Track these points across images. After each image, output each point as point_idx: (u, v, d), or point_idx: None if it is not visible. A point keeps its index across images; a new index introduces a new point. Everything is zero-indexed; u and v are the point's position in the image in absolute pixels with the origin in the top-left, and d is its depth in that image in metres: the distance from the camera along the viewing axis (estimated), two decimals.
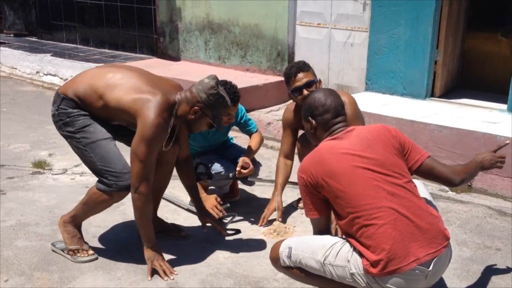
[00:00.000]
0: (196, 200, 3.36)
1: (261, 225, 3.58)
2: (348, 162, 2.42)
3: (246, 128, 3.85)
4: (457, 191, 4.23)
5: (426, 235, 2.35)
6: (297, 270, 2.61)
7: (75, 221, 3.16)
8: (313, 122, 2.60)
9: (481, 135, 4.25)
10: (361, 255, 2.36)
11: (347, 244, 2.43)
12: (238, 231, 3.47)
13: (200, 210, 3.35)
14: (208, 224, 3.34)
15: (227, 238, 3.40)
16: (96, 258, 3.14)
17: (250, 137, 3.87)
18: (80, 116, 3.01)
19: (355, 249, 2.39)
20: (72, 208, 3.20)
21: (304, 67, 3.40)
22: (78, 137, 3.01)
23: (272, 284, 2.91)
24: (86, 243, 3.19)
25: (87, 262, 3.10)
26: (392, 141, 2.52)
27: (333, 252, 2.44)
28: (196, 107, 2.94)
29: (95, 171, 3.00)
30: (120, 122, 3.07)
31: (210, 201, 3.54)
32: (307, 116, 2.63)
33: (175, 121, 2.96)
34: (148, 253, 2.98)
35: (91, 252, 3.16)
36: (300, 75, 3.36)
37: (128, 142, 3.05)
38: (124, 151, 3.01)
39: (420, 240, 2.33)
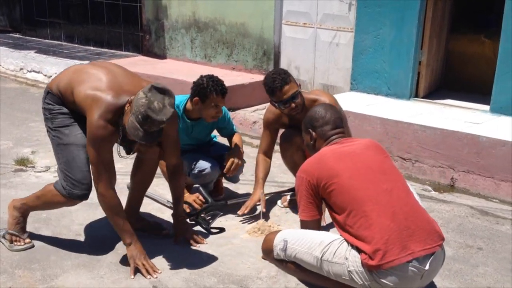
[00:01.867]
0: (175, 211, 3.33)
1: (242, 214, 3.55)
2: (349, 162, 2.56)
3: (228, 128, 3.86)
4: (440, 191, 4.27)
5: (422, 231, 2.42)
6: (291, 264, 2.65)
7: (23, 209, 3.18)
8: (313, 133, 2.76)
9: (464, 135, 4.29)
10: (359, 251, 2.40)
11: (345, 243, 2.48)
12: (222, 230, 3.47)
13: (177, 223, 3.32)
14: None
15: (211, 236, 3.40)
16: (32, 246, 3.18)
17: (230, 139, 3.89)
18: (59, 115, 3.03)
19: (353, 246, 2.43)
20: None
21: (286, 78, 3.36)
22: (54, 135, 3.06)
23: (255, 282, 2.91)
24: (26, 232, 3.23)
25: (22, 250, 3.14)
26: (383, 150, 2.73)
27: (331, 249, 2.48)
28: (125, 121, 2.82)
29: (58, 170, 3.04)
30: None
31: (192, 197, 3.62)
32: (308, 128, 2.79)
33: (119, 120, 2.87)
34: (129, 252, 2.97)
35: (27, 240, 3.20)
36: (286, 88, 3.36)
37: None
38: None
39: (416, 235, 2.40)
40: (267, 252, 2.73)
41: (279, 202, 3.93)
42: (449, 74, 6.06)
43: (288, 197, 3.90)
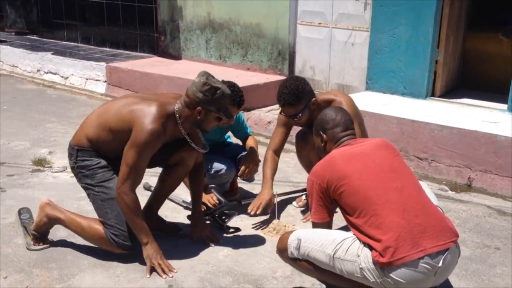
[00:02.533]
0: (193, 208, 3.37)
1: (253, 213, 3.46)
2: (359, 162, 2.58)
3: (242, 131, 3.88)
4: (457, 191, 4.23)
5: (434, 228, 2.42)
6: (304, 263, 2.66)
7: (56, 222, 3.18)
8: (324, 136, 2.79)
9: (481, 135, 4.25)
10: (370, 248, 2.40)
11: (358, 241, 2.50)
12: (238, 229, 3.48)
13: (194, 221, 3.35)
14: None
15: (227, 236, 3.40)
16: (49, 246, 3.20)
17: (244, 142, 3.92)
18: (99, 169, 3.05)
19: (365, 244, 2.44)
20: (68, 208, 3.24)
21: (293, 100, 3.35)
22: (97, 190, 3.05)
23: (271, 282, 2.91)
24: (47, 238, 3.25)
25: (38, 250, 3.16)
26: (393, 149, 2.74)
27: (344, 246, 2.50)
28: (199, 108, 2.97)
29: (107, 224, 3.02)
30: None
31: (206, 197, 3.63)
32: (318, 131, 2.83)
33: (184, 126, 3.00)
34: (146, 251, 2.99)
35: (46, 244, 3.22)
36: (287, 108, 3.40)
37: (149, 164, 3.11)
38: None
39: (428, 231, 2.40)
40: (282, 251, 2.75)
41: (294, 202, 3.93)
42: (466, 73, 6.00)
43: (303, 197, 3.89)
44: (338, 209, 2.71)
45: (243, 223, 3.59)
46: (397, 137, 4.60)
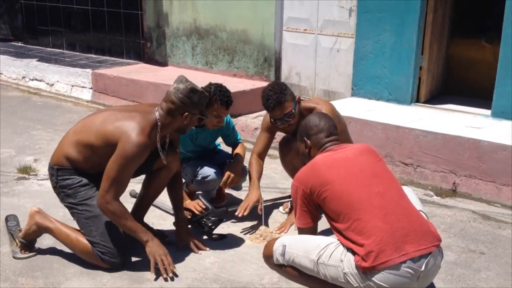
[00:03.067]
0: (176, 217, 3.38)
1: (241, 215, 3.45)
2: (342, 168, 2.60)
3: (232, 137, 3.88)
4: (442, 196, 4.27)
5: (417, 232, 2.45)
6: (290, 269, 2.68)
7: (45, 231, 3.16)
8: (308, 142, 2.82)
9: (465, 140, 4.29)
10: (353, 253, 2.42)
11: (341, 246, 2.53)
12: (224, 236, 3.48)
13: (179, 229, 3.36)
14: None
15: (213, 243, 3.40)
16: (35, 254, 3.18)
17: (233, 148, 3.91)
18: (81, 188, 3.05)
19: (348, 249, 2.46)
20: (56, 218, 3.22)
21: (281, 98, 3.35)
22: (80, 209, 3.05)
23: None
24: (34, 247, 3.23)
25: (24, 258, 3.14)
26: (376, 154, 2.77)
27: (327, 252, 2.52)
28: (186, 113, 3.01)
29: (92, 242, 3.02)
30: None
31: (192, 203, 3.66)
32: (302, 137, 2.85)
33: (161, 133, 3.00)
34: (149, 248, 2.99)
35: (32, 252, 3.20)
36: (278, 109, 3.37)
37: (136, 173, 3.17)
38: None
39: (410, 236, 2.43)
40: (268, 258, 2.77)
41: (281, 208, 3.94)
42: (450, 79, 6.06)
43: (290, 203, 3.90)
44: (323, 214, 2.73)
45: (230, 230, 3.59)
46: (382, 143, 4.64)
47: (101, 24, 8.27)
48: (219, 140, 3.98)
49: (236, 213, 3.48)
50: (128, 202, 3.81)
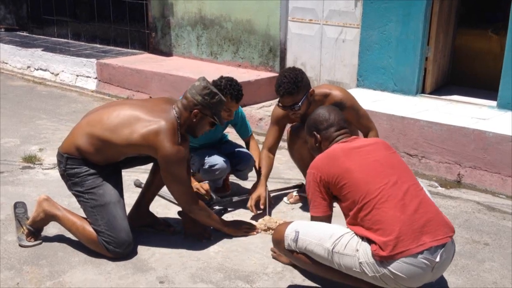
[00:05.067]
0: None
1: (256, 212, 3.56)
2: (359, 157, 2.61)
3: (242, 128, 3.92)
4: (447, 187, 4.26)
5: (433, 223, 2.46)
6: (301, 255, 2.66)
7: (52, 218, 3.18)
8: (318, 136, 2.81)
9: (470, 131, 4.28)
10: (370, 242, 2.44)
11: (356, 236, 2.52)
12: (225, 210, 3.65)
13: (184, 218, 3.38)
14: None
15: (218, 232, 3.40)
16: (41, 243, 3.20)
17: (246, 143, 3.97)
18: (88, 176, 3.07)
19: (363, 239, 2.47)
20: (62, 206, 3.23)
21: (293, 89, 3.34)
22: (87, 197, 3.07)
23: (262, 278, 2.92)
24: (40, 235, 3.25)
25: (30, 246, 3.16)
26: (390, 147, 2.80)
27: (342, 241, 2.52)
28: (196, 110, 3.02)
29: (98, 231, 3.04)
30: (130, 156, 3.14)
31: (198, 184, 3.65)
32: (312, 131, 2.84)
33: (181, 131, 3.02)
34: (229, 230, 3.31)
35: (38, 241, 3.22)
36: (286, 98, 3.38)
37: (140, 162, 3.29)
38: (137, 172, 3.01)
39: (427, 227, 2.43)
40: (278, 242, 2.73)
41: (285, 198, 3.94)
42: (455, 69, 6.04)
43: (294, 194, 3.90)
44: (335, 204, 2.72)
45: (234, 220, 3.59)
46: (387, 134, 4.62)
47: (106, 14, 8.26)
48: (227, 131, 3.99)
49: (251, 211, 3.58)
50: (133, 191, 3.83)
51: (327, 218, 2.71)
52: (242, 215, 3.65)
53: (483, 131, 4.23)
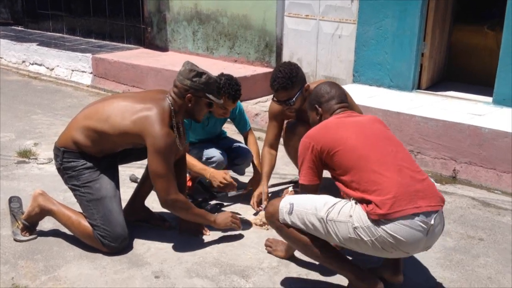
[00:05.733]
0: None
1: (259, 210, 3.57)
2: (355, 127, 2.65)
3: (240, 123, 3.91)
4: (442, 183, 4.27)
5: (427, 190, 2.49)
6: (292, 230, 2.65)
7: (48, 213, 3.17)
8: (319, 109, 2.84)
9: (466, 127, 4.29)
10: (366, 202, 2.44)
11: (349, 203, 2.53)
12: (221, 205, 3.64)
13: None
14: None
15: (214, 227, 3.40)
16: (36, 237, 3.19)
17: (245, 138, 3.97)
18: (85, 170, 3.06)
19: (357, 203, 2.48)
20: (57, 200, 3.22)
21: (288, 84, 3.33)
22: (83, 191, 3.06)
23: (257, 273, 2.92)
24: (35, 229, 3.24)
25: (26, 241, 3.15)
26: (386, 125, 2.85)
27: (336, 209, 2.53)
28: (189, 95, 3.00)
29: (93, 225, 3.04)
30: (125, 147, 3.13)
31: (220, 174, 3.47)
32: (314, 105, 2.87)
33: (176, 119, 3.00)
34: (218, 223, 3.17)
35: (33, 235, 3.21)
36: (281, 93, 3.37)
37: (136, 157, 3.27)
38: (133, 167, 3.00)
39: (421, 192, 2.46)
40: (272, 215, 2.71)
41: (281, 194, 3.93)
42: (451, 65, 6.04)
43: (290, 189, 3.90)
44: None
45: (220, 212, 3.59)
46: None
47: (102, 8, 8.22)
48: (225, 127, 3.99)
49: (254, 208, 3.60)
50: (129, 186, 3.82)
51: (316, 187, 2.73)
52: (238, 209, 3.65)
53: (478, 127, 4.24)
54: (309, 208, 2.58)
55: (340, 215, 2.50)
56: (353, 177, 2.51)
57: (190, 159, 3.51)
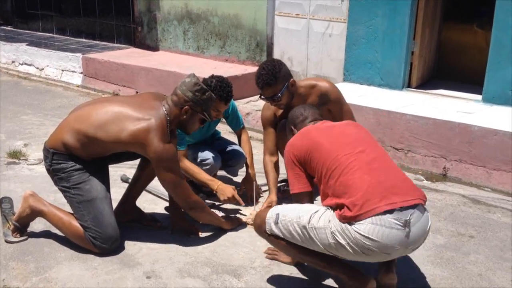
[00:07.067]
0: (171, 200, 3.34)
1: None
2: (329, 131, 2.73)
3: (233, 121, 3.91)
4: (432, 180, 4.29)
5: (402, 186, 2.49)
6: (282, 241, 2.66)
7: (39, 214, 3.16)
8: (294, 130, 2.93)
9: (456, 125, 4.31)
10: (339, 207, 2.45)
11: (330, 210, 2.54)
12: (213, 204, 3.67)
13: (172, 214, 3.38)
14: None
15: (206, 227, 3.40)
16: (27, 238, 3.18)
17: (238, 136, 3.96)
18: (74, 172, 3.04)
19: (335, 209, 2.50)
20: (48, 201, 3.21)
21: (271, 80, 3.33)
22: (73, 193, 3.05)
23: (249, 272, 2.93)
24: (26, 231, 3.23)
25: (15, 242, 3.14)
26: (363, 128, 2.90)
27: (317, 215, 2.56)
28: (186, 107, 2.99)
29: (84, 226, 3.03)
30: (117, 151, 3.11)
31: (229, 189, 3.46)
32: (290, 127, 2.99)
33: (170, 127, 3.00)
34: (228, 226, 3.33)
35: (24, 236, 3.20)
36: (266, 89, 3.38)
37: (127, 158, 3.26)
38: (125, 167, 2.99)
39: (395, 188, 2.45)
40: (260, 226, 2.73)
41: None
42: (441, 64, 6.07)
43: (282, 187, 3.90)
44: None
45: (221, 214, 3.59)
46: (373, 128, 4.64)
47: (92, 8, 8.19)
48: (219, 127, 3.99)
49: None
50: (120, 187, 3.81)
51: (307, 194, 2.73)
52: (231, 209, 3.65)
53: (468, 125, 4.26)
54: (292, 217, 2.61)
55: (320, 221, 2.52)
56: (327, 182, 2.55)
57: (194, 168, 3.52)
